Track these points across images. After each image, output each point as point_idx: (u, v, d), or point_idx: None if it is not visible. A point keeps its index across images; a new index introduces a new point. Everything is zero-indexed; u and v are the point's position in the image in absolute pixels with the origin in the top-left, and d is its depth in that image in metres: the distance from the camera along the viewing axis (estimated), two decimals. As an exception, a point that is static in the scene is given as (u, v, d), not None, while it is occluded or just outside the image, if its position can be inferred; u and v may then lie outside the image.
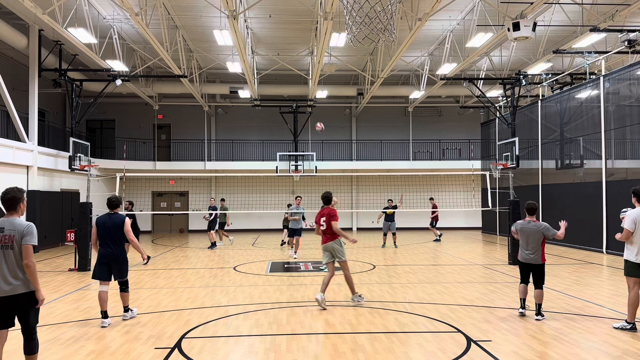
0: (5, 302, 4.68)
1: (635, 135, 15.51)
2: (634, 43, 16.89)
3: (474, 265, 13.42)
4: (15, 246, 4.71)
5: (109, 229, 7.42)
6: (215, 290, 10.01)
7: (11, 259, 4.69)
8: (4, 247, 4.70)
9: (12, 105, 16.47)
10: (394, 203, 18.99)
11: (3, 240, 4.70)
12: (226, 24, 15.67)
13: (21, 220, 4.84)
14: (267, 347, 6.11)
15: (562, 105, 19.01)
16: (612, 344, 6.13)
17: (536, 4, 13.87)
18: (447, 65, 20.11)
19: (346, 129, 29.31)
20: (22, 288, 4.70)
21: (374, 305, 8.41)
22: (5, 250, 4.70)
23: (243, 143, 27.95)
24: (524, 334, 6.60)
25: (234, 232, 25.97)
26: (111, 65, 19.04)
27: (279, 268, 13.06)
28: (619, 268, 12.16)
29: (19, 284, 4.70)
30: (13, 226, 4.75)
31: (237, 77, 24.45)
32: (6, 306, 4.70)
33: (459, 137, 28.70)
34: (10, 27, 16.90)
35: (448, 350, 5.94)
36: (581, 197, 16.94)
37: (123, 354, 5.91)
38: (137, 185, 26.08)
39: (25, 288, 4.72)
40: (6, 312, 4.72)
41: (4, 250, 4.70)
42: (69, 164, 17.86)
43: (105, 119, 27.64)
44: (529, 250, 7.52)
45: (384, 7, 8.43)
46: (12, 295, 4.67)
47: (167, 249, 18.69)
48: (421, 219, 27.62)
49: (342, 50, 21.10)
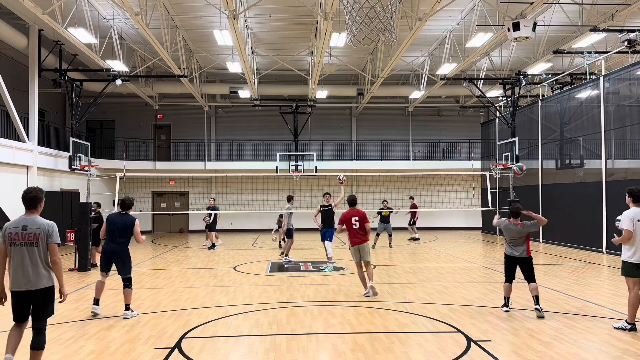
0: (26, 296, 4.95)
1: (635, 135, 15.51)
2: (634, 43, 16.88)
3: (474, 265, 13.42)
4: (39, 244, 4.98)
5: (119, 227, 7.86)
6: (215, 290, 10.01)
7: (34, 256, 4.95)
8: (29, 244, 4.96)
9: (12, 105, 16.46)
10: (388, 204, 18.92)
11: (27, 238, 4.96)
12: (226, 24, 15.67)
13: (43, 219, 5.10)
14: (267, 347, 6.11)
15: (562, 105, 19.01)
16: (612, 344, 6.13)
17: (536, 4, 13.87)
18: (447, 65, 20.11)
19: (346, 129, 29.32)
20: (42, 283, 4.97)
21: (374, 305, 8.41)
22: (30, 247, 4.97)
23: (243, 143, 27.95)
24: (524, 334, 6.60)
25: (234, 232, 26.01)
26: (111, 65, 19.03)
27: (279, 268, 13.06)
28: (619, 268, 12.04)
29: (40, 280, 4.96)
30: (37, 225, 5.01)
31: (237, 77, 24.45)
32: (26, 300, 4.97)
33: (459, 137, 28.70)
34: (10, 27, 16.89)
35: (448, 350, 5.94)
36: (581, 197, 16.94)
37: (123, 354, 5.91)
38: (137, 185, 26.07)
39: (45, 283, 4.99)
40: (26, 305, 4.99)
41: (28, 247, 4.96)
42: (69, 164, 17.87)
43: (105, 119, 27.64)
44: (515, 246, 7.82)
45: (384, 7, 8.43)
46: (32, 290, 4.94)
47: (167, 249, 18.69)
48: (421, 219, 27.55)
49: (342, 50, 21.10)
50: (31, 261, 4.94)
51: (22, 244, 4.95)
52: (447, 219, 28.27)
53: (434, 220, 28.13)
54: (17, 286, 4.94)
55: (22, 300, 4.98)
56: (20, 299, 4.98)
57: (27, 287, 4.93)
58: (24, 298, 4.97)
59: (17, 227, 4.98)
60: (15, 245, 4.96)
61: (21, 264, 4.93)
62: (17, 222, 5.04)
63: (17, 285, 4.94)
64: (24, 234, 4.96)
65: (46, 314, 5.05)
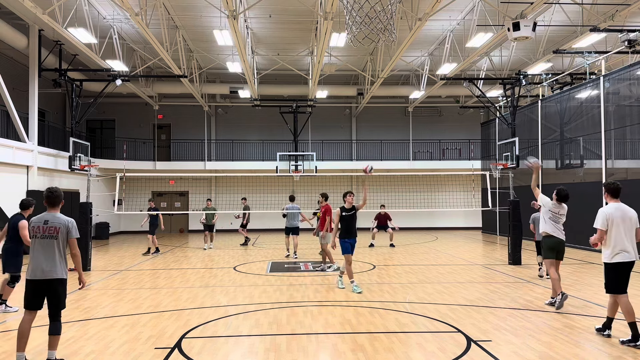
0: (41, 285, 5.36)
1: (635, 135, 15.52)
2: (634, 43, 16.88)
3: (474, 265, 13.42)
4: (59, 237, 5.43)
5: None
6: (215, 290, 10.01)
7: (52, 248, 5.39)
8: (48, 237, 5.40)
9: (12, 105, 16.47)
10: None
11: (48, 231, 5.41)
12: (226, 24, 15.67)
13: (63, 216, 5.56)
14: (267, 347, 6.11)
15: (562, 105, 19.01)
16: (612, 344, 6.13)
17: (536, 4, 13.87)
18: (447, 65, 20.11)
19: (346, 129, 29.32)
20: (56, 274, 5.38)
21: (374, 305, 8.41)
22: (49, 239, 5.40)
23: (243, 143, 27.95)
24: (524, 334, 6.60)
25: (234, 232, 26.00)
26: (111, 65, 19.04)
27: (279, 268, 13.06)
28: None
29: (55, 270, 5.37)
30: (57, 220, 5.48)
31: (237, 77, 24.45)
32: (41, 288, 5.37)
33: (459, 137, 28.70)
34: (10, 27, 16.90)
35: (448, 350, 5.94)
36: (581, 197, 16.93)
37: (123, 354, 5.91)
38: (137, 185, 26.05)
39: (59, 274, 5.40)
40: (40, 294, 5.39)
41: (47, 240, 5.40)
42: (69, 164, 17.87)
43: (105, 119, 27.65)
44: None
45: (384, 7, 8.43)
46: (47, 279, 5.35)
47: (167, 249, 18.69)
48: (421, 219, 27.70)
49: (342, 50, 21.10)
50: (49, 253, 5.37)
51: (43, 237, 5.40)
52: (447, 219, 28.27)
53: (434, 220, 28.15)
54: (33, 275, 5.36)
55: (37, 289, 5.37)
56: (36, 287, 5.38)
57: (42, 277, 5.34)
58: (38, 287, 5.37)
59: (39, 222, 5.46)
60: (37, 237, 5.42)
61: (39, 255, 5.37)
62: (40, 217, 5.52)
63: (34, 274, 5.36)
64: (44, 227, 5.42)
65: (60, 304, 5.43)
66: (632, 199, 14.43)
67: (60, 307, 5.44)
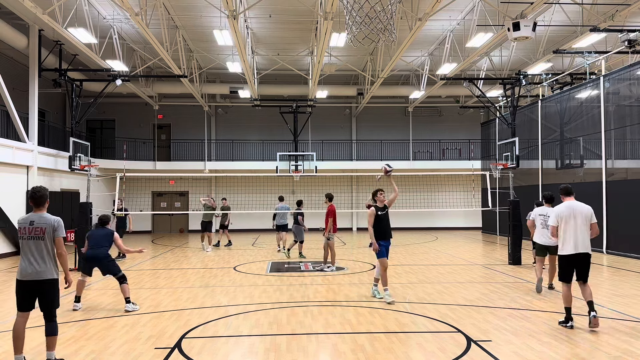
0: (31, 285, 5.33)
1: (635, 135, 15.51)
2: (634, 43, 16.88)
3: (474, 265, 13.42)
4: (45, 237, 5.38)
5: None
6: (215, 290, 10.01)
7: (40, 248, 5.36)
8: (35, 237, 5.37)
9: (12, 105, 16.47)
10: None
11: (34, 232, 5.38)
12: (226, 24, 15.68)
13: (49, 215, 5.52)
14: (267, 347, 6.11)
15: (562, 105, 19.01)
16: (612, 344, 6.13)
17: (536, 4, 13.87)
18: (447, 65, 20.12)
19: (346, 129, 29.32)
20: (46, 275, 5.35)
21: (374, 305, 8.41)
22: (36, 240, 5.37)
23: (243, 143, 27.95)
24: (524, 334, 6.60)
25: (234, 232, 25.98)
26: (111, 65, 19.04)
27: (279, 268, 13.06)
28: (619, 268, 12.18)
29: (44, 271, 5.34)
30: (43, 220, 5.43)
31: (237, 77, 24.45)
32: (31, 289, 5.34)
33: (459, 137, 28.70)
34: (10, 27, 16.90)
35: (448, 350, 5.94)
36: (581, 197, 16.87)
37: (123, 354, 5.91)
38: (137, 185, 26.07)
39: (49, 275, 5.36)
40: (30, 295, 5.35)
41: (34, 241, 5.36)
42: (69, 164, 17.86)
43: (105, 119, 27.64)
44: None
45: (384, 7, 8.43)
46: (37, 280, 5.32)
47: (167, 249, 18.69)
48: (421, 219, 27.70)
49: (342, 50, 21.10)
50: (38, 254, 5.34)
51: (29, 238, 5.37)
52: (447, 219, 28.27)
53: (434, 220, 28.16)
54: (23, 276, 5.34)
55: (28, 290, 5.34)
56: (26, 288, 5.35)
57: (32, 278, 5.31)
58: (29, 288, 5.34)
59: (25, 223, 5.42)
60: (23, 238, 5.40)
61: (28, 256, 5.35)
62: (26, 218, 5.48)
63: (24, 275, 5.34)
64: (30, 229, 5.38)
65: (53, 305, 5.42)
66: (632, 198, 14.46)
67: (53, 307, 5.42)
